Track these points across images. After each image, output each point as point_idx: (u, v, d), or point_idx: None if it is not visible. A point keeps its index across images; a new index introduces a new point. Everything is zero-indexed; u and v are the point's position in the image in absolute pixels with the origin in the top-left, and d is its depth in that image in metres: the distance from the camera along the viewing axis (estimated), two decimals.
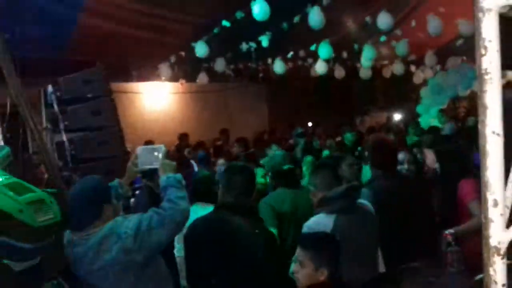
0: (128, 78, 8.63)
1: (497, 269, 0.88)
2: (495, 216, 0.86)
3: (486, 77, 0.89)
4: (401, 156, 4.47)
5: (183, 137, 9.29)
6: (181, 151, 7.77)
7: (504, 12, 0.91)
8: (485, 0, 0.89)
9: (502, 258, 0.87)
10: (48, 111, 5.30)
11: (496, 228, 0.85)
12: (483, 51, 0.90)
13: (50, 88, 5.16)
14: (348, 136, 7.63)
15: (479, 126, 0.87)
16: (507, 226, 0.87)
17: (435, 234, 3.15)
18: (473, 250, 2.98)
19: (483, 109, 0.88)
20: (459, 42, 8.19)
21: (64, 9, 5.51)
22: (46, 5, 5.34)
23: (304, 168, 5.14)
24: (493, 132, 0.85)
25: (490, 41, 0.89)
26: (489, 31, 0.89)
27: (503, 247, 0.87)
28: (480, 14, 0.90)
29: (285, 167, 3.73)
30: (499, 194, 0.84)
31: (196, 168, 5.87)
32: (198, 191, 3.68)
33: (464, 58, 9.66)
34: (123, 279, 2.38)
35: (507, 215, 0.88)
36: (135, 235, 2.33)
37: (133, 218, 2.42)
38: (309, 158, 5.31)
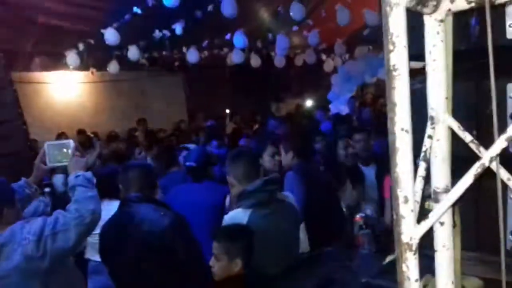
0: (33, 67, 8.02)
1: (409, 265, 0.88)
2: (406, 212, 0.86)
3: (394, 73, 0.87)
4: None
5: (81, 133, 8.70)
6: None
7: (411, 7, 0.91)
8: None
9: (414, 254, 0.87)
10: None
11: (407, 224, 0.86)
12: (391, 47, 0.88)
13: None
14: (273, 123, 7.51)
15: (388, 123, 0.88)
16: (418, 222, 0.88)
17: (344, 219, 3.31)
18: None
19: (391, 106, 0.86)
20: (366, 31, 8.60)
21: None
22: None
23: None
24: (402, 129, 0.84)
25: (397, 36, 0.86)
26: (397, 26, 0.86)
27: (415, 243, 0.87)
28: (388, 9, 0.87)
29: (188, 163, 3.66)
30: (409, 190, 0.85)
31: None
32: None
33: (371, 47, 10.16)
34: (27, 287, 2.20)
35: (417, 210, 0.90)
36: (38, 240, 2.16)
37: (35, 222, 2.23)
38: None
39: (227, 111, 11.32)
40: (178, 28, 6.86)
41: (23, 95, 5.94)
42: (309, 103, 12.75)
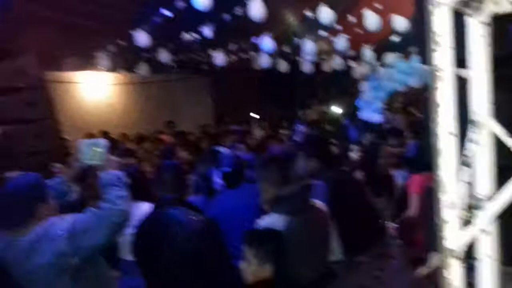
0: (65, 67, 8.21)
1: (453, 272, 0.85)
2: (450, 217, 0.83)
3: (437, 73, 0.85)
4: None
5: (104, 134, 8.88)
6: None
7: (455, 6, 0.88)
8: None
9: (458, 260, 0.84)
10: None
11: (451, 230, 0.83)
12: (434, 46, 0.85)
13: None
14: (301, 128, 7.57)
15: (431, 124, 0.85)
16: (462, 227, 0.85)
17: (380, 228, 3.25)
18: (416, 244, 3.15)
19: (434, 107, 0.85)
20: (395, 38, 8.49)
21: None
22: None
23: None
24: (446, 131, 0.82)
25: (441, 36, 0.84)
26: (441, 26, 0.84)
27: (459, 249, 0.84)
28: (431, 7, 0.85)
29: (224, 169, 3.68)
30: (453, 194, 0.82)
31: None
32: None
33: (401, 54, 10.03)
34: (58, 283, 2.24)
35: (462, 216, 0.86)
36: (70, 237, 2.20)
37: (68, 219, 2.28)
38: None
39: (253, 115, 11.33)
40: (206, 31, 6.91)
41: (55, 94, 6.07)
42: (336, 109, 12.66)
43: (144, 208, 3.01)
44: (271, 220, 2.58)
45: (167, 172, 2.74)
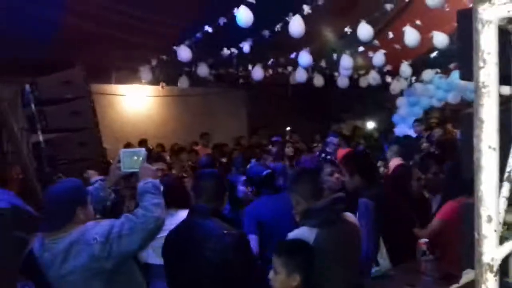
0: (108, 79, 8.52)
1: (489, 286, 0.86)
2: (489, 232, 0.84)
3: (483, 90, 0.86)
4: None
5: (142, 142, 9.14)
6: None
7: (502, 25, 0.89)
8: (485, 12, 0.84)
9: (495, 276, 0.85)
10: (25, 111, 5.21)
11: (489, 245, 0.83)
12: (481, 64, 0.86)
13: (28, 88, 5.08)
14: (332, 139, 7.51)
15: (474, 140, 0.87)
16: (500, 243, 0.85)
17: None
18: (449, 259, 3.10)
19: (479, 123, 0.84)
20: (434, 54, 8.39)
21: (44, 9, 5.41)
22: (27, 4, 5.24)
23: None
24: (489, 147, 0.84)
25: (489, 53, 0.85)
26: (488, 44, 0.85)
27: (496, 264, 0.85)
28: (480, 26, 0.86)
29: (264, 172, 3.73)
30: (493, 210, 0.83)
31: None
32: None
33: (439, 70, 9.88)
34: (91, 286, 2.33)
35: (500, 231, 0.87)
36: (105, 242, 2.27)
37: (104, 224, 2.36)
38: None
39: (288, 128, 11.37)
40: (245, 46, 7.04)
41: (98, 105, 6.30)
42: (370, 124, 12.54)
43: (179, 216, 3.08)
44: (301, 232, 2.59)
45: (205, 181, 2.75)
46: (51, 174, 4.59)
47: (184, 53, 6.98)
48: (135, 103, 10.39)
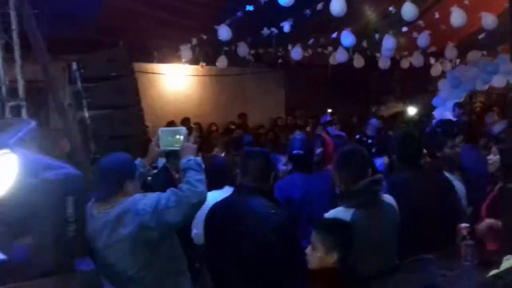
0: (150, 59, 8.67)
1: None
2: None
3: None
4: None
5: (185, 121, 9.37)
6: None
7: None
8: None
9: None
10: (71, 88, 5.38)
11: None
12: None
13: (74, 66, 5.22)
14: (374, 122, 7.46)
15: None
16: None
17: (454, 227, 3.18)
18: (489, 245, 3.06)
19: None
20: (481, 36, 8.09)
21: None
22: None
23: None
24: None
25: None
26: None
27: None
28: None
29: (295, 152, 3.69)
30: None
31: None
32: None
33: (485, 52, 9.51)
34: (139, 254, 2.46)
35: None
36: (153, 212, 2.40)
37: (151, 196, 2.48)
38: None
39: (329, 110, 11.29)
40: (286, 26, 6.98)
41: (140, 84, 6.44)
42: (411, 108, 12.26)
43: (221, 193, 3.15)
44: (337, 213, 2.61)
45: (253, 160, 2.73)
46: (95, 149, 4.75)
47: (224, 32, 7.01)
48: (175, 82, 10.53)
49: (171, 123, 7.83)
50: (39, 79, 4.17)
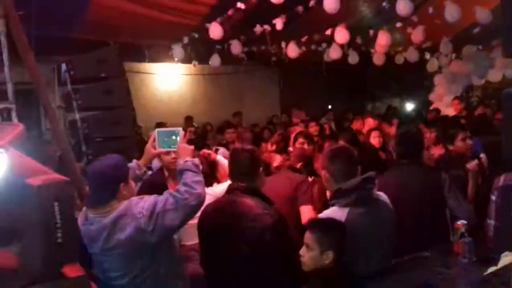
0: (141, 58, 8.59)
1: None
2: None
3: None
4: None
5: (188, 119, 9.35)
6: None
7: None
8: None
9: None
10: (61, 89, 5.29)
11: None
12: None
13: (64, 67, 5.14)
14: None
15: None
16: None
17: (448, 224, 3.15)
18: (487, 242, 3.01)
19: None
20: (476, 30, 8.04)
21: None
22: None
23: None
24: None
25: None
26: None
27: None
28: None
29: None
30: None
31: None
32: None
33: (480, 47, 9.48)
34: (136, 258, 2.41)
35: None
36: (150, 216, 2.34)
37: (148, 199, 2.42)
38: None
39: (329, 106, 11.25)
40: (278, 23, 6.91)
41: (131, 83, 6.37)
42: (408, 104, 12.24)
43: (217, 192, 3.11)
44: (332, 212, 2.58)
45: (242, 159, 2.71)
46: (87, 151, 4.67)
47: (216, 30, 6.93)
48: (168, 81, 10.47)
49: (160, 124, 7.75)
50: (29, 81, 4.08)
